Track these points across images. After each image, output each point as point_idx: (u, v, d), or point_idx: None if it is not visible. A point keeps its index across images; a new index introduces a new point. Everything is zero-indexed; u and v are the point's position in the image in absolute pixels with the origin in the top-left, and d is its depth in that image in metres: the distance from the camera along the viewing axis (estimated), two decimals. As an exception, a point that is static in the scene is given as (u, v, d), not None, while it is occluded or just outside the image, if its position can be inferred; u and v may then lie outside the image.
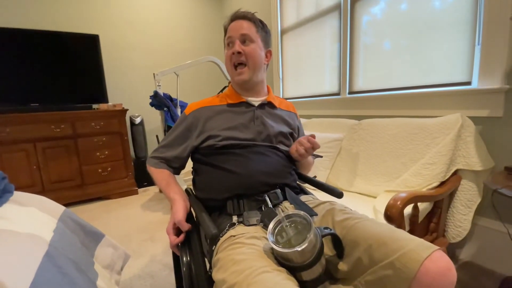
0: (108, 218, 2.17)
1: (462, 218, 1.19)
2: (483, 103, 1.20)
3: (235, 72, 0.87)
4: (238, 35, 0.85)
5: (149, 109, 2.50)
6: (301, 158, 0.87)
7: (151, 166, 0.90)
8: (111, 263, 0.92)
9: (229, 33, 0.86)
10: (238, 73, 0.86)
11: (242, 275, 0.51)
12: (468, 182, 1.18)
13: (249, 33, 0.85)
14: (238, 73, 0.86)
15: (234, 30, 0.85)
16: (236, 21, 0.87)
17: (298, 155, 0.86)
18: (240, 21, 0.86)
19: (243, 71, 0.86)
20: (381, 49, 1.69)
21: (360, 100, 1.80)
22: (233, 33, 0.85)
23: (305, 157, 0.86)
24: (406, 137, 1.31)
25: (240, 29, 0.85)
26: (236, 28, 0.85)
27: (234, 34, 0.85)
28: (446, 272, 0.49)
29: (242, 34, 0.85)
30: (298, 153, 0.85)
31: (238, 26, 0.85)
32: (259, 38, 0.88)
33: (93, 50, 2.61)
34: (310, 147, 0.83)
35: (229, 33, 0.87)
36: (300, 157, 0.86)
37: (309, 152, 0.85)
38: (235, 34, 0.85)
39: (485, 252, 1.26)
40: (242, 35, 0.85)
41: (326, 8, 2.04)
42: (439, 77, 1.41)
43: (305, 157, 0.86)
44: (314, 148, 0.84)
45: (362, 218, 0.66)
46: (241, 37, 0.85)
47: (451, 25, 1.33)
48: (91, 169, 2.52)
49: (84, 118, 2.45)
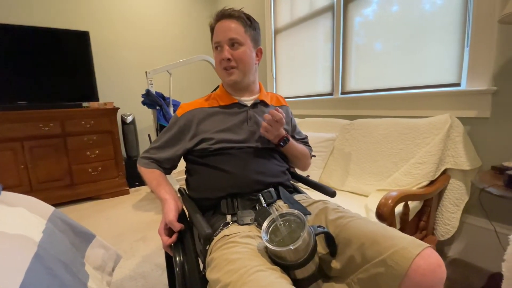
0: (98, 218, 2.13)
1: (450, 216, 1.22)
2: (471, 104, 1.24)
3: (226, 73, 0.85)
4: (226, 39, 0.81)
5: (141, 107, 2.47)
6: (268, 135, 0.83)
7: (142, 166, 0.89)
8: (102, 264, 0.91)
9: (217, 37, 0.83)
10: (229, 73, 0.84)
11: (237, 274, 0.51)
12: (457, 181, 1.21)
13: (237, 36, 0.81)
14: (228, 73, 0.84)
15: (222, 33, 0.82)
16: (222, 21, 0.82)
17: (265, 132, 0.82)
18: (227, 21, 0.82)
19: (233, 72, 0.84)
20: (373, 50, 1.71)
21: (352, 100, 1.82)
22: (221, 37, 0.82)
23: (270, 131, 0.82)
24: (397, 137, 1.33)
25: (228, 31, 0.81)
26: (223, 31, 0.81)
27: (222, 38, 0.82)
28: (436, 268, 0.50)
29: (230, 38, 0.81)
30: (265, 129, 0.82)
31: (225, 28, 0.81)
32: (248, 39, 0.84)
33: (83, 47, 2.56)
34: (270, 119, 0.80)
35: (216, 37, 0.83)
36: (267, 134, 0.83)
37: (274, 126, 0.81)
38: (223, 38, 0.81)
39: (473, 249, 1.30)
40: (231, 39, 0.81)
41: (320, 9, 2.05)
42: (429, 78, 1.43)
43: (270, 131, 0.82)
44: (276, 119, 0.79)
45: (355, 216, 0.67)
46: (229, 42, 0.81)
47: (441, 27, 1.36)
48: (81, 168, 2.47)
49: (73, 117, 2.40)
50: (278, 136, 0.85)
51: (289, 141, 0.88)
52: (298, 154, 0.94)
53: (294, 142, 0.93)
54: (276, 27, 2.54)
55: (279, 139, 0.86)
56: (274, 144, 0.87)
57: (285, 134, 0.87)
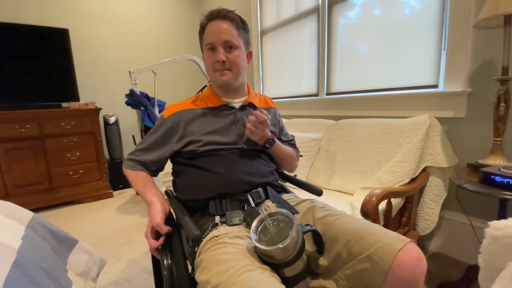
0: (80, 223, 2.06)
1: (430, 212, 1.28)
2: (448, 105, 1.30)
3: (218, 73, 0.84)
4: (221, 41, 0.80)
5: (125, 108, 2.41)
6: (253, 136, 0.83)
7: (127, 168, 0.87)
8: (86, 270, 0.88)
9: (210, 38, 0.81)
10: (221, 74, 0.83)
11: (226, 274, 0.51)
12: (436, 178, 1.27)
13: (232, 39, 0.81)
14: (221, 74, 0.83)
15: (216, 35, 0.80)
16: (216, 22, 0.81)
17: (250, 134, 0.83)
18: (221, 22, 0.81)
19: (226, 73, 0.83)
20: (357, 52, 1.76)
21: (337, 101, 1.86)
22: (215, 39, 0.80)
23: (255, 133, 0.82)
24: (380, 137, 1.38)
25: (222, 33, 0.80)
26: (217, 32, 0.80)
27: (217, 40, 0.80)
28: (418, 262, 0.52)
29: (226, 41, 0.80)
30: (250, 131, 0.82)
31: (220, 29, 0.80)
32: (242, 42, 0.85)
33: (63, 45, 2.46)
34: (255, 120, 0.80)
35: (210, 37, 0.81)
36: (252, 135, 0.83)
37: (258, 127, 0.81)
38: (217, 40, 0.80)
39: (451, 243, 1.36)
40: (226, 41, 0.81)
41: (305, 11, 2.08)
42: (409, 80, 1.49)
43: (255, 133, 0.82)
44: (260, 120, 0.80)
45: (341, 214, 0.69)
46: (224, 44, 0.81)
47: (420, 31, 1.42)
48: (61, 171, 2.38)
49: (52, 117, 2.30)
50: (263, 137, 0.85)
51: (275, 143, 0.89)
52: (285, 156, 0.95)
53: (280, 144, 0.94)
54: (263, 28, 2.55)
55: (264, 141, 0.86)
56: (260, 146, 0.88)
57: (270, 136, 0.87)
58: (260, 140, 0.86)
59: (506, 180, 0.86)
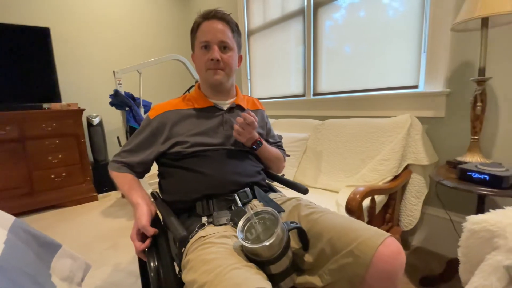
0: (64, 227, 2.00)
1: (412, 208, 1.32)
2: (428, 104, 1.35)
3: (211, 72, 0.83)
4: (217, 41, 0.81)
5: (109, 109, 2.36)
6: (241, 138, 0.84)
7: (113, 170, 0.85)
8: (70, 274, 0.86)
9: (206, 36, 0.81)
10: (215, 73, 0.83)
11: (213, 273, 0.52)
12: (417, 175, 1.31)
13: (227, 40, 0.82)
14: (214, 72, 0.83)
15: (212, 34, 0.81)
16: (212, 21, 0.82)
17: (238, 135, 0.83)
18: (217, 22, 0.82)
19: (219, 72, 0.84)
20: (342, 53, 1.79)
21: (323, 101, 1.90)
22: (211, 37, 0.81)
23: (243, 134, 0.83)
24: (364, 136, 1.41)
25: (218, 33, 0.81)
26: (214, 31, 0.81)
27: (213, 39, 0.81)
28: (397, 255, 0.55)
29: (222, 41, 0.81)
30: (237, 132, 0.82)
31: (216, 29, 0.81)
32: (235, 44, 0.87)
33: (44, 44, 2.38)
34: (242, 122, 0.81)
35: (205, 35, 0.82)
36: (239, 137, 0.83)
37: (246, 129, 0.82)
38: (213, 38, 0.81)
39: (433, 237, 1.42)
40: (222, 42, 0.82)
41: (291, 12, 2.10)
42: (392, 80, 1.54)
43: (243, 134, 0.83)
44: (247, 122, 0.80)
45: (325, 211, 0.70)
46: (220, 43, 0.82)
47: (402, 33, 1.47)
48: (42, 175, 2.30)
49: (33, 119, 2.22)
50: (251, 139, 0.86)
51: (262, 144, 0.90)
52: (272, 157, 0.96)
53: (268, 145, 0.95)
54: (250, 28, 2.56)
55: (252, 143, 0.87)
56: (247, 147, 0.88)
57: (258, 138, 0.88)
58: (248, 142, 0.86)
59: (483, 176, 0.91)
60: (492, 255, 0.64)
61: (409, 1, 1.42)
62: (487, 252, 0.67)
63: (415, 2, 1.39)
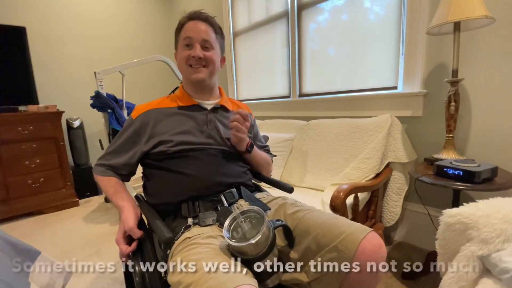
0: (43, 234, 1.91)
1: (394, 204, 1.37)
2: (407, 105, 1.41)
3: (192, 70, 0.84)
4: (200, 39, 0.83)
5: (90, 111, 2.28)
6: (239, 135, 0.83)
7: (98, 174, 0.84)
8: (50, 282, 0.83)
9: (189, 33, 0.83)
10: (197, 70, 0.84)
11: (198, 273, 0.52)
12: (398, 172, 1.37)
13: (210, 40, 0.84)
14: (196, 70, 0.84)
15: (196, 32, 0.83)
16: (196, 22, 0.84)
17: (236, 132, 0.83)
18: (201, 23, 0.84)
19: (202, 70, 0.85)
20: (326, 55, 1.83)
21: (308, 102, 1.93)
22: (194, 34, 0.83)
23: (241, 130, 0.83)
24: (347, 136, 1.45)
25: (202, 32, 0.83)
26: (198, 30, 0.83)
27: (196, 36, 0.83)
28: (378, 249, 0.57)
29: (204, 39, 0.83)
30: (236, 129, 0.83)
31: (200, 29, 0.83)
32: (218, 45, 0.88)
33: (19, 44, 2.27)
34: (239, 118, 0.82)
35: (189, 33, 0.83)
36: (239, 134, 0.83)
37: (243, 124, 0.83)
38: (196, 36, 0.83)
39: (413, 232, 1.48)
40: (204, 40, 0.83)
41: (275, 15, 2.13)
42: (372, 82, 1.59)
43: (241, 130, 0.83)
44: (244, 117, 0.82)
45: (310, 209, 0.72)
46: (202, 42, 0.83)
47: (382, 36, 1.52)
48: (18, 180, 2.19)
49: (8, 122, 2.12)
50: (245, 141, 0.87)
51: (254, 147, 0.91)
52: (262, 161, 0.97)
53: (258, 149, 0.96)
54: (235, 30, 2.57)
55: (246, 145, 0.88)
56: (241, 151, 0.89)
57: (250, 141, 0.90)
58: (242, 145, 0.87)
59: (457, 172, 0.96)
60: (467, 246, 0.68)
61: (388, 6, 1.47)
62: (462, 243, 0.71)
63: (393, 7, 1.45)
